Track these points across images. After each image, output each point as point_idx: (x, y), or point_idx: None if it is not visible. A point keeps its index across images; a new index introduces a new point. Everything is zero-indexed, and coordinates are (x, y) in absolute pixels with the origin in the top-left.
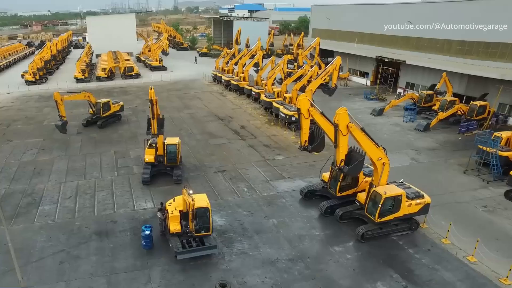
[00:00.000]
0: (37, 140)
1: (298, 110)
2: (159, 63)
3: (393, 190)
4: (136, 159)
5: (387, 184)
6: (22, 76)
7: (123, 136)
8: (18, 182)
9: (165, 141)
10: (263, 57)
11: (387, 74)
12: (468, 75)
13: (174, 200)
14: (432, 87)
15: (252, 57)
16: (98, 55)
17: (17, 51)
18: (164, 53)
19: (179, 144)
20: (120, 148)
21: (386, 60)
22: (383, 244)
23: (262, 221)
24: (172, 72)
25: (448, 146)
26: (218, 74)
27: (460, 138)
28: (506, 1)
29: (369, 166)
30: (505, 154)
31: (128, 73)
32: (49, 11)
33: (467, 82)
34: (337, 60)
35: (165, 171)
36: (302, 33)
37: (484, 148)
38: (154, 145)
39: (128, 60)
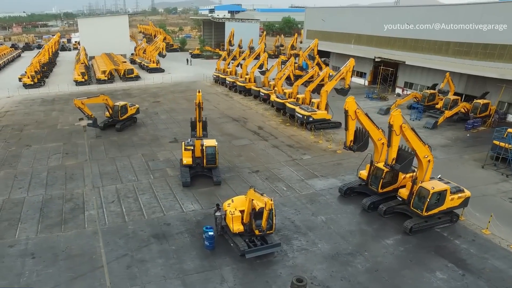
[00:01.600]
0: (57, 145)
1: (346, 111)
2: (157, 65)
3: (438, 186)
4: (167, 162)
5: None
6: (20, 79)
7: (144, 139)
8: (53, 188)
9: (204, 143)
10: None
11: (386, 74)
12: (467, 75)
13: (232, 201)
14: (433, 87)
15: (254, 58)
16: (92, 57)
17: (4, 53)
18: (161, 55)
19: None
20: (146, 151)
21: (386, 60)
22: (430, 236)
23: (311, 218)
24: (169, 73)
25: (459, 143)
26: (221, 76)
27: (468, 135)
28: (505, 4)
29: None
30: None
31: (128, 75)
32: (24, 12)
33: (466, 82)
34: (350, 62)
35: (202, 173)
36: (296, 34)
37: (502, 144)
38: (191, 147)
39: (125, 62)
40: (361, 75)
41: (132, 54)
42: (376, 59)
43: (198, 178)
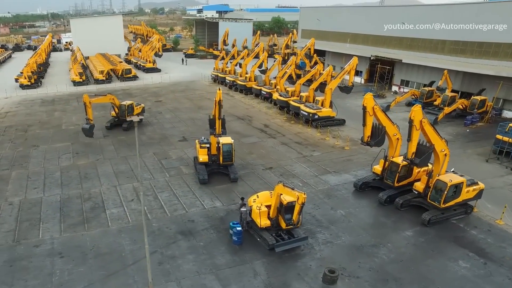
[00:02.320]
0: (65, 145)
1: (364, 108)
2: (153, 64)
3: (455, 178)
4: (180, 160)
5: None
6: (16, 80)
7: (153, 138)
8: (69, 187)
9: (220, 141)
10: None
11: (383, 72)
12: (463, 72)
13: (258, 196)
14: (431, 84)
15: (253, 57)
16: (86, 58)
17: None
18: (157, 54)
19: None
20: (157, 150)
21: (383, 58)
22: (447, 228)
23: (330, 212)
24: (166, 73)
25: (460, 138)
26: (220, 75)
27: (467, 130)
28: (500, 3)
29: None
30: None
31: (126, 75)
32: (9, 12)
33: (462, 79)
34: (353, 61)
35: (218, 170)
36: (290, 34)
37: (505, 139)
38: (207, 145)
39: (122, 62)
40: (357, 73)
41: (126, 54)
42: (372, 58)
43: (214, 176)
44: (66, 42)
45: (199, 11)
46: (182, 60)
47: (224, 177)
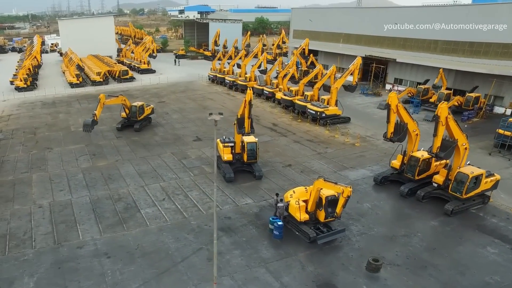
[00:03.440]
0: (79, 147)
1: (388, 105)
2: (148, 65)
3: (475, 170)
4: (200, 159)
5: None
6: (12, 82)
7: (167, 138)
8: (96, 189)
9: (245, 140)
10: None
11: (377, 71)
12: (455, 71)
13: (294, 192)
14: (425, 82)
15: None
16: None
17: None
18: (152, 55)
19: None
20: (174, 150)
21: (377, 58)
22: (468, 217)
23: (357, 205)
24: (161, 74)
25: None
26: (218, 75)
27: (466, 125)
28: (489, 5)
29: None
30: None
31: (123, 77)
32: None
33: (455, 77)
34: (357, 60)
35: (241, 169)
36: (281, 34)
37: (507, 133)
38: (231, 144)
39: (116, 63)
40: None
41: (118, 55)
42: (366, 56)
43: (237, 174)
44: (52, 44)
45: (181, 12)
46: (175, 61)
47: (248, 175)
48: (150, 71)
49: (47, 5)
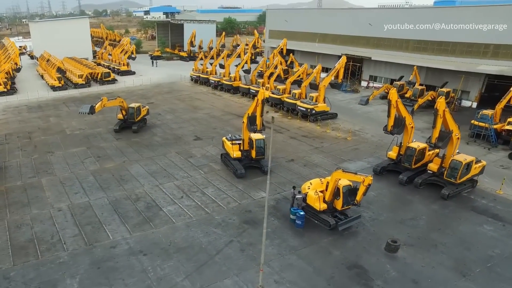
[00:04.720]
0: (81, 149)
1: (389, 101)
2: (128, 67)
3: (467, 157)
4: (206, 157)
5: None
6: None
7: (167, 138)
8: (111, 190)
9: (253, 137)
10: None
11: (354, 69)
12: (426, 68)
13: (311, 184)
14: (400, 78)
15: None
16: None
17: None
18: (131, 57)
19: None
20: (178, 149)
21: (353, 56)
22: (462, 200)
23: None
24: (142, 76)
25: None
26: (202, 76)
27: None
28: (455, 8)
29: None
30: (495, 127)
31: (106, 79)
32: None
33: (426, 74)
34: (342, 60)
35: (250, 165)
36: (257, 34)
37: (482, 124)
38: (238, 141)
39: (95, 65)
40: (327, 70)
41: (94, 57)
42: (344, 54)
43: (246, 170)
44: (20, 47)
45: (146, 12)
46: (152, 62)
47: (256, 170)
48: (130, 72)
49: (5, 6)
